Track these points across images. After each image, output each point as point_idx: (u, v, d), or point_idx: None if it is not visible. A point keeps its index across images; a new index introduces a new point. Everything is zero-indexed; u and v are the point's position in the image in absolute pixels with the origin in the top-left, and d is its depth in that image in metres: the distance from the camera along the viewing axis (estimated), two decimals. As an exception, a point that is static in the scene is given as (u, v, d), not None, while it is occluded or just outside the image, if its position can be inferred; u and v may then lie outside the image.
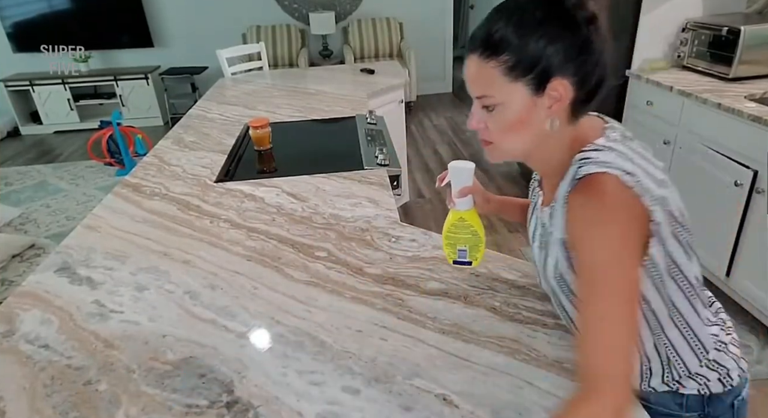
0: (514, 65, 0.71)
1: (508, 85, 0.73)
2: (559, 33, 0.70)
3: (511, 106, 0.74)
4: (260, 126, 2.00)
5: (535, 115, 0.74)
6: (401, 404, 0.84)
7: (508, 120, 0.75)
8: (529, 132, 0.76)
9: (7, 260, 2.97)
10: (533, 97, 0.73)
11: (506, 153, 0.81)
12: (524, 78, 0.72)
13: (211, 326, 1.05)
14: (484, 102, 0.76)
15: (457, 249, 1.04)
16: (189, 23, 5.58)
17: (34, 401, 0.89)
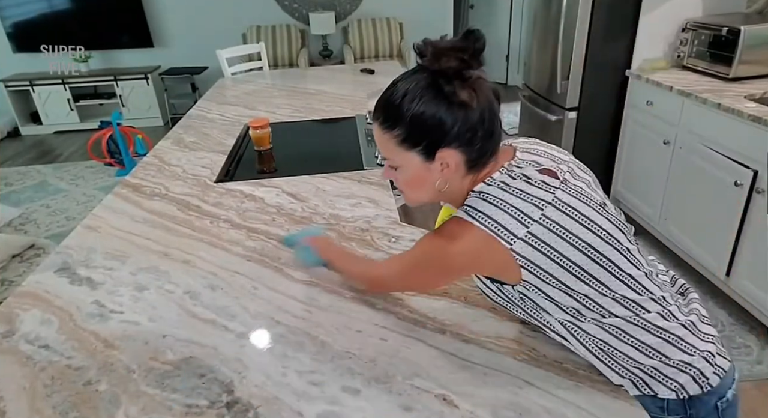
0: (405, 139, 0.82)
1: (403, 153, 0.84)
2: (443, 110, 0.79)
3: (408, 170, 0.86)
4: (260, 126, 2.00)
5: (429, 177, 0.85)
6: (401, 404, 0.84)
7: (407, 179, 0.88)
8: (427, 188, 0.87)
9: (7, 260, 2.97)
10: (425, 163, 0.83)
11: (413, 201, 0.93)
12: (415, 149, 0.83)
13: (211, 326, 1.05)
14: (389, 162, 0.89)
15: None
16: (189, 23, 5.58)
17: (34, 401, 0.89)
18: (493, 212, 0.79)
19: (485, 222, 0.79)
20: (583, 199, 0.81)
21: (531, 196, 0.79)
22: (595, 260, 0.79)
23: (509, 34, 6.20)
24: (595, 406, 0.82)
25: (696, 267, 2.49)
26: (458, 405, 0.83)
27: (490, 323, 1.01)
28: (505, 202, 0.79)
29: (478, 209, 0.80)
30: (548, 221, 0.78)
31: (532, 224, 0.78)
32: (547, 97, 3.23)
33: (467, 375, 0.89)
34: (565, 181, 0.82)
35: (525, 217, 0.78)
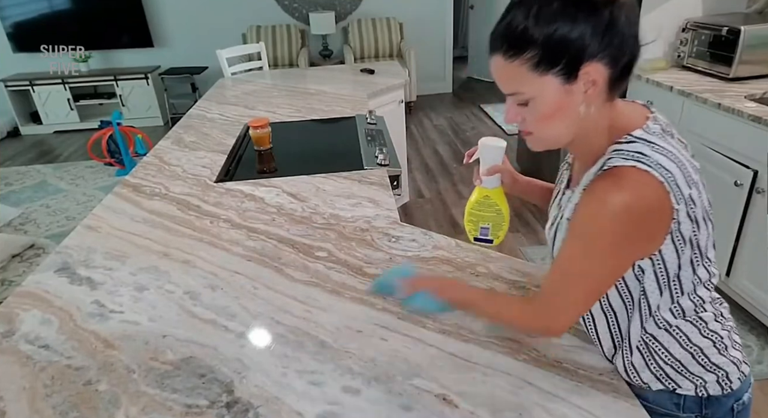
0: (540, 60, 0.70)
1: (538, 79, 0.71)
2: (581, 18, 0.67)
3: (544, 99, 0.73)
4: (260, 126, 2.00)
5: (570, 102, 0.72)
6: (401, 404, 0.84)
7: (544, 112, 0.74)
8: (568, 119, 0.74)
9: (7, 260, 2.97)
10: (566, 85, 0.71)
11: (547, 142, 0.79)
12: (553, 70, 0.70)
13: (211, 326, 1.05)
14: (517, 99, 0.75)
15: (479, 226, 1.03)
16: (189, 23, 5.58)
17: (34, 401, 0.89)
18: (667, 164, 0.69)
19: (663, 174, 0.68)
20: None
21: (686, 157, 0.73)
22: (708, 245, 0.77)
23: (509, 34, 6.18)
24: (595, 406, 0.82)
25: (696, 267, 2.49)
26: (458, 405, 0.83)
27: (490, 323, 1.01)
28: (674, 155, 0.70)
29: (652, 158, 0.69)
30: (699, 187, 0.73)
31: (692, 187, 0.71)
32: (547, 97, 3.22)
33: (467, 375, 0.89)
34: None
35: (689, 177, 0.71)
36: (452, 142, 4.71)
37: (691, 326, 0.82)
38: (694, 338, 0.82)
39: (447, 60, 6.16)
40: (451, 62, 6.20)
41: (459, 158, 4.34)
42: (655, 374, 0.85)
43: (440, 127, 5.13)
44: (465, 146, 4.59)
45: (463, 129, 5.04)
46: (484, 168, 0.99)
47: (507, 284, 1.12)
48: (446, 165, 4.22)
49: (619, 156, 0.72)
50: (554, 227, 0.87)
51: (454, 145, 4.65)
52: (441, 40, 6.02)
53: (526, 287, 1.11)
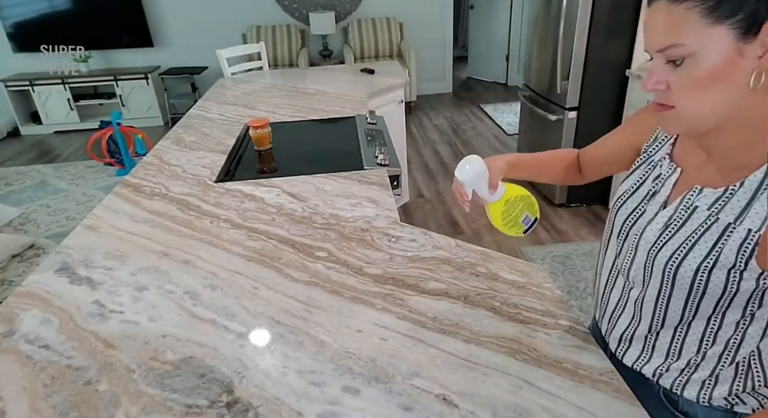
0: (717, 3, 0.57)
1: (706, 30, 0.58)
2: None
3: (707, 56, 0.59)
4: (260, 126, 2.00)
5: (737, 69, 0.59)
6: (401, 404, 0.84)
7: (701, 74, 0.60)
8: (727, 91, 0.61)
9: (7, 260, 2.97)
10: (739, 43, 0.58)
11: (691, 120, 0.66)
12: (730, 19, 0.57)
13: (211, 326, 1.05)
14: (671, 54, 0.62)
15: (520, 222, 0.99)
16: (189, 23, 5.58)
17: (34, 401, 0.89)
18: None
19: None
20: None
21: None
22: None
23: (509, 34, 6.20)
24: (595, 406, 0.82)
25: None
26: (458, 405, 0.83)
27: (490, 323, 1.01)
28: None
29: None
30: None
31: None
32: (547, 97, 3.23)
33: (467, 375, 0.89)
34: None
35: None
36: (452, 142, 4.71)
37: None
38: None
39: (447, 60, 6.17)
40: (451, 62, 6.21)
41: (459, 158, 4.33)
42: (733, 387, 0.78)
43: (440, 127, 5.13)
44: (465, 146, 4.60)
45: (463, 129, 5.04)
46: (485, 189, 0.93)
47: (507, 284, 1.12)
48: (446, 165, 4.22)
49: None
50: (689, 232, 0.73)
51: (454, 145, 4.65)
52: (441, 40, 6.02)
53: (526, 286, 1.11)
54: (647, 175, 0.85)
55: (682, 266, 0.73)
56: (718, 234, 0.70)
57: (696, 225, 0.73)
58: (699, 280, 0.72)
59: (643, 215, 0.83)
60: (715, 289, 0.72)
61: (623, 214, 0.87)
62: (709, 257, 0.71)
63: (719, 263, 0.70)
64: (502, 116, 5.27)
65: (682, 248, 0.73)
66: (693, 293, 0.74)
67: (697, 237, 0.72)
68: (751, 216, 0.67)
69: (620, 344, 0.92)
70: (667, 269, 0.76)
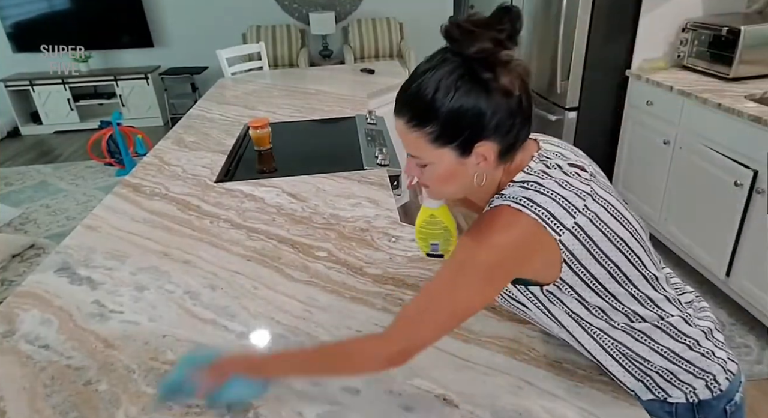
0: (438, 136, 0.74)
1: (435, 151, 0.76)
2: (481, 105, 0.71)
3: (440, 167, 0.78)
4: (260, 126, 2.00)
5: (464, 172, 0.78)
6: (401, 404, 0.84)
7: (438, 176, 0.80)
8: (460, 183, 0.80)
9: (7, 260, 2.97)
10: (460, 158, 0.76)
11: (440, 196, 0.89)
12: (449, 145, 0.75)
13: (211, 326, 1.05)
14: (415, 161, 0.80)
15: (429, 243, 1.07)
16: (189, 23, 5.58)
17: (34, 401, 0.89)
18: (541, 200, 0.73)
19: (535, 210, 0.72)
20: (613, 194, 0.80)
21: (572, 186, 0.75)
22: (628, 257, 0.77)
23: (509, 34, 6.19)
24: (595, 406, 0.82)
25: (696, 267, 2.49)
26: (458, 405, 0.83)
27: (490, 323, 1.01)
28: (551, 190, 0.74)
29: (525, 196, 0.74)
30: (590, 212, 0.75)
31: (578, 214, 0.74)
32: (547, 97, 3.22)
33: (467, 375, 0.89)
34: (593, 175, 0.80)
35: (571, 206, 0.74)
36: (452, 142, 4.70)
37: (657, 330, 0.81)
38: (663, 342, 0.81)
39: (447, 60, 6.16)
40: (451, 62, 6.20)
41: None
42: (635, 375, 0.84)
43: (440, 127, 5.12)
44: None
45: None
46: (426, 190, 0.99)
47: (507, 284, 1.12)
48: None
49: (498, 200, 0.77)
50: None
51: (454, 145, 4.65)
52: (441, 40, 5.98)
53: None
54: None
55: None
56: None
57: None
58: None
59: None
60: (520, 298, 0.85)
61: None
62: None
63: None
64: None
65: None
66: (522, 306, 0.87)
67: None
68: None
69: None
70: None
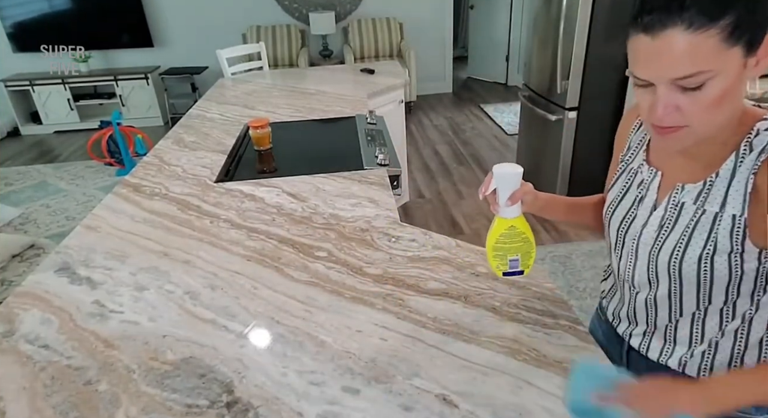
0: (736, 27, 0.59)
1: (725, 54, 0.60)
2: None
3: (726, 77, 0.62)
4: (260, 126, 2.00)
5: (741, 82, 0.64)
6: (401, 404, 0.84)
7: (718, 94, 0.62)
8: (737, 100, 0.66)
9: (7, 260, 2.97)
10: (745, 58, 0.62)
11: (704, 135, 0.68)
12: (742, 40, 0.60)
13: (211, 326, 1.05)
14: (692, 81, 0.62)
15: (508, 260, 0.94)
16: (189, 23, 5.58)
17: (34, 401, 0.89)
18: None
19: None
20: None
21: None
22: None
23: (509, 34, 6.20)
24: (595, 406, 0.82)
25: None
26: (458, 405, 0.83)
27: (490, 323, 1.01)
28: None
29: None
30: None
31: None
32: (547, 97, 3.23)
33: (467, 375, 0.89)
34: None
35: None
36: (452, 142, 4.71)
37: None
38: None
39: (447, 60, 6.17)
40: (451, 62, 6.21)
41: (459, 158, 4.34)
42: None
43: (440, 127, 5.13)
44: (465, 146, 4.59)
45: (462, 129, 5.04)
46: (505, 196, 0.89)
47: (507, 284, 1.12)
48: (446, 165, 4.22)
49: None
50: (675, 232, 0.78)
51: (454, 145, 4.65)
52: (441, 40, 6.02)
53: (526, 286, 1.11)
54: (630, 183, 0.89)
55: (684, 261, 0.77)
56: (709, 224, 0.75)
57: (687, 220, 0.77)
58: (704, 270, 0.76)
59: (635, 220, 0.86)
60: (720, 275, 0.75)
61: (615, 223, 0.90)
62: (707, 246, 0.75)
63: (718, 250, 0.74)
64: (502, 116, 5.27)
65: (680, 244, 0.78)
66: (702, 284, 0.78)
67: (690, 230, 0.77)
68: (731, 203, 0.72)
69: (643, 339, 0.94)
70: (671, 266, 0.79)
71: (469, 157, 4.35)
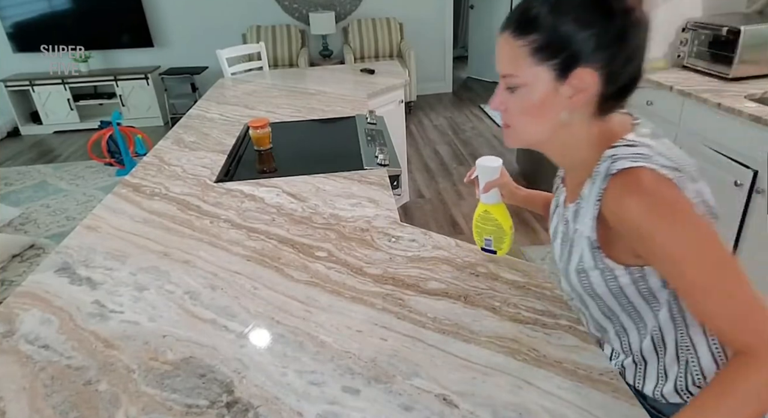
0: (541, 46, 0.70)
1: (533, 68, 0.71)
2: (594, 19, 0.67)
3: (532, 89, 0.73)
4: (260, 126, 2.00)
5: (554, 103, 0.72)
6: (401, 404, 0.84)
7: (528, 103, 0.74)
8: (546, 120, 0.74)
9: (7, 260, 2.97)
10: (555, 83, 0.71)
11: (522, 139, 0.79)
12: (550, 61, 0.70)
13: (211, 326, 1.05)
14: (508, 82, 0.75)
15: (483, 238, 1.14)
16: (189, 23, 5.58)
17: (34, 401, 0.89)
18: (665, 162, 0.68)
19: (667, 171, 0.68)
20: None
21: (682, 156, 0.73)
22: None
23: (509, 34, 6.19)
24: (595, 406, 0.82)
25: (696, 267, 2.49)
26: (458, 405, 0.83)
27: (490, 323, 1.01)
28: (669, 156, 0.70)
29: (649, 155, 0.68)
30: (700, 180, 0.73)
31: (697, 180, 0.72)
32: (547, 97, 3.23)
33: (467, 375, 0.89)
34: None
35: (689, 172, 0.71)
36: (452, 142, 4.71)
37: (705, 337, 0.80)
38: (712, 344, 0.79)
39: (447, 60, 6.16)
40: (451, 62, 6.21)
41: (459, 158, 4.34)
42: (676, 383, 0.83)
43: (440, 127, 5.13)
44: (465, 146, 4.59)
45: (462, 129, 5.04)
46: (482, 185, 1.07)
47: (507, 284, 1.12)
48: (446, 165, 4.22)
49: (624, 159, 0.69)
50: (567, 246, 0.86)
51: (454, 145, 4.65)
52: (441, 40, 6.02)
53: (526, 286, 1.11)
54: (558, 199, 0.95)
55: (569, 271, 0.86)
56: (578, 241, 0.82)
57: (568, 236, 0.86)
58: (584, 283, 0.83)
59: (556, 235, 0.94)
60: (601, 290, 0.81)
61: (551, 233, 0.98)
62: (580, 261, 0.82)
63: (587, 265, 0.81)
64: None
65: (563, 258, 0.87)
66: (586, 294, 0.85)
67: (569, 246, 0.85)
68: (583, 223, 0.79)
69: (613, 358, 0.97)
70: (567, 276, 0.88)
71: (469, 157, 4.35)
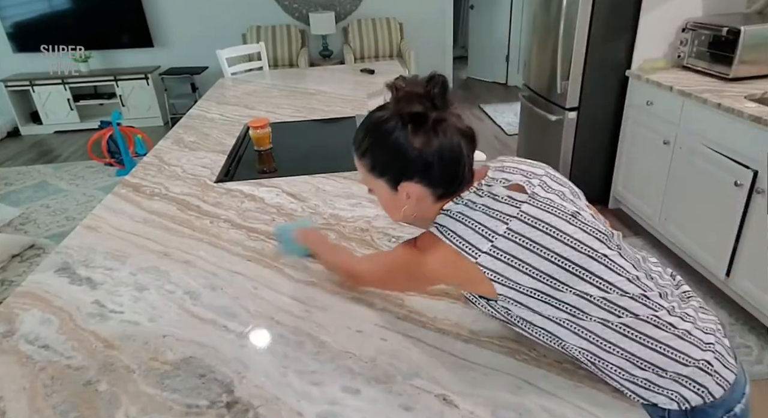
0: (372, 167, 0.91)
1: (373, 180, 0.92)
2: (399, 156, 0.85)
3: (379, 194, 0.95)
4: (260, 126, 2.00)
5: (397, 203, 0.92)
6: (401, 404, 0.84)
7: (381, 201, 0.97)
8: (397, 212, 0.94)
9: (7, 260, 2.97)
10: (391, 191, 0.90)
11: (392, 219, 0.99)
12: (382, 178, 0.90)
13: (211, 326, 1.05)
14: (367, 185, 0.97)
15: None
16: (189, 23, 5.58)
17: (34, 401, 0.89)
18: (457, 227, 0.84)
19: (450, 237, 0.83)
20: (553, 211, 0.83)
21: (496, 212, 0.83)
22: (567, 268, 0.80)
23: (509, 34, 6.20)
24: (595, 406, 0.82)
25: (696, 267, 2.49)
26: (458, 405, 0.83)
27: (490, 323, 1.01)
28: (469, 218, 0.84)
29: (445, 225, 0.85)
30: (514, 234, 0.80)
31: (497, 237, 0.80)
32: (547, 97, 3.23)
33: (467, 375, 0.89)
34: (533, 195, 0.85)
35: (489, 231, 0.81)
36: (452, 142, 4.70)
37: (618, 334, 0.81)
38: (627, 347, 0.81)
39: (447, 60, 6.16)
40: (451, 62, 6.20)
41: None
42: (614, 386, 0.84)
43: (440, 127, 5.11)
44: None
45: (463, 129, 5.04)
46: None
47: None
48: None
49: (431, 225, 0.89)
50: None
51: (454, 145, 4.64)
52: (441, 40, 6.01)
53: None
54: None
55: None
56: None
57: None
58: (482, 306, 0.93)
59: None
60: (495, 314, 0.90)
61: None
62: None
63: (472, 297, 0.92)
64: (502, 116, 5.27)
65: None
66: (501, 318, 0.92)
67: None
68: None
69: None
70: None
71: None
